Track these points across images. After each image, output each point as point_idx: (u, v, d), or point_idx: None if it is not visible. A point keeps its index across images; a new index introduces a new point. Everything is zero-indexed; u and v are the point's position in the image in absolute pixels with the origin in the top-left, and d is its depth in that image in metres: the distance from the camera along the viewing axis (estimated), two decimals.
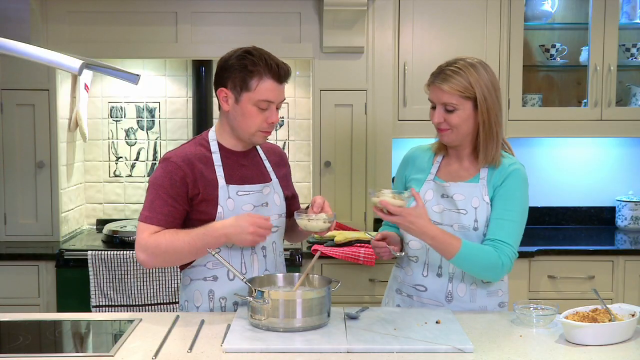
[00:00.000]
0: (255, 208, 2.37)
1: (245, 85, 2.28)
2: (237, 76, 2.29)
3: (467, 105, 2.32)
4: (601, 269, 3.59)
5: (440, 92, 2.33)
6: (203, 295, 2.37)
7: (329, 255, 3.42)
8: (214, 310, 2.37)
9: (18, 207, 3.72)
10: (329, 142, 3.72)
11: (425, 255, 2.40)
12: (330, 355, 1.94)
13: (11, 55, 1.99)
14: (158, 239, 2.24)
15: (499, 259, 2.27)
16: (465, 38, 3.77)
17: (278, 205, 2.44)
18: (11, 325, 2.24)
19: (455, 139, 2.37)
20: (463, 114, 2.33)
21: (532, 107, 3.93)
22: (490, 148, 2.35)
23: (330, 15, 3.58)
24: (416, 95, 3.78)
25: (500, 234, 2.30)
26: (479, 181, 2.38)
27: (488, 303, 2.40)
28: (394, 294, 2.51)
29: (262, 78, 2.28)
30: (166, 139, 4.11)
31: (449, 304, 2.38)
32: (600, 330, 2.00)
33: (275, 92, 2.30)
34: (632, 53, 3.93)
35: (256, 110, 2.29)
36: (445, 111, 2.34)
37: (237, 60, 2.30)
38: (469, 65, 2.33)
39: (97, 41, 3.69)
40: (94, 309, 3.39)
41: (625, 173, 4.22)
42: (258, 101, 2.28)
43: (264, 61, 2.28)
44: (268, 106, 2.30)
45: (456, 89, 2.30)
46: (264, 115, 2.30)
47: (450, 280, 2.38)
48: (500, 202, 2.34)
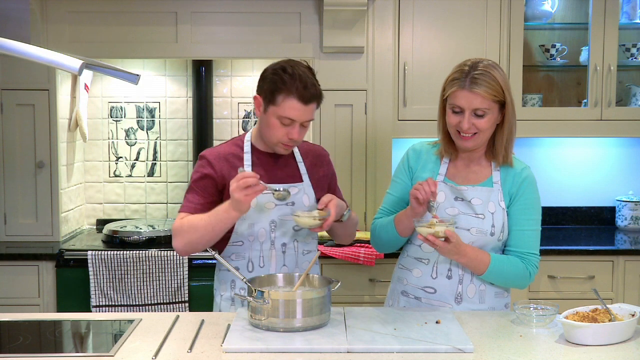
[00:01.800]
0: (278, 207, 2.41)
1: (272, 99, 2.33)
2: (267, 88, 2.35)
3: (495, 108, 2.30)
4: (601, 269, 3.59)
5: (473, 97, 2.26)
6: (226, 285, 2.48)
7: (329, 255, 3.43)
8: (235, 299, 2.45)
9: (18, 207, 3.72)
10: (329, 142, 3.72)
11: (436, 257, 2.39)
12: (330, 355, 1.94)
13: (11, 55, 1.99)
14: (182, 221, 2.36)
15: (526, 270, 2.34)
16: (465, 38, 3.77)
17: (307, 206, 2.46)
18: (11, 325, 2.25)
19: (480, 143, 2.35)
20: (492, 118, 2.30)
21: (532, 107, 3.93)
22: (510, 150, 2.36)
23: (330, 15, 3.58)
24: (416, 95, 3.78)
25: (525, 245, 2.36)
26: (493, 185, 2.37)
27: (496, 304, 2.41)
28: (399, 296, 2.48)
29: (288, 96, 2.31)
30: (166, 139, 4.11)
31: (458, 305, 2.38)
32: (600, 330, 2.00)
33: (298, 112, 2.32)
34: (632, 53, 3.93)
35: (279, 124, 2.35)
36: (474, 116, 2.29)
37: (271, 74, 2.36)
38: (491, 67, 2.30)
39: (97, 41, 3.69)
40: (94, 309, 3.39)
41: (625, 173, 4.22)
42: (281, 117, 2.33)
43: (294, 80, 2.31)
44: (291, 123, 2.34)
45: (492, 93, 2.26)
46: (285, 130, 2.35)
47: (460, 282, 2.38)
48: (520, 214, 2.36)
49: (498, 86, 2.27)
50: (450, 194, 2.38)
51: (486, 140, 2.36)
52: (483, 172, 2.40)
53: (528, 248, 2.36)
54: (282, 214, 2.43)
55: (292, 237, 2.45)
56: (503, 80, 2.30)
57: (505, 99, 2.29)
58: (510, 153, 2.37)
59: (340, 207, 2.37)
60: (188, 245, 2.35)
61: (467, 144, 2.33)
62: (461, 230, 2.34)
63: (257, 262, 2.43)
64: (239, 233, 2.42)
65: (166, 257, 3.42)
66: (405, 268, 2.48)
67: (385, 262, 3.42)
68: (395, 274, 2.55)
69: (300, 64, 2.38)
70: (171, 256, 3.42)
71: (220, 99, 4.06)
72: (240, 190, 2.18)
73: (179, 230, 2.36)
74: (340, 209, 2.37)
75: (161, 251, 3.43)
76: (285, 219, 2.42)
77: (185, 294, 3.43)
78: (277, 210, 2.42)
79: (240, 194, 2.18)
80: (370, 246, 3.48)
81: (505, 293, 2.44)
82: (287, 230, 2.44)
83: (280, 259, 2.44)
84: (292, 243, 2.46)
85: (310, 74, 2.37)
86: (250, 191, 2.19)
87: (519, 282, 2.37)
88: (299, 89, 2.31)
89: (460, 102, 2.29)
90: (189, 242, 2.34)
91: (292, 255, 2.46)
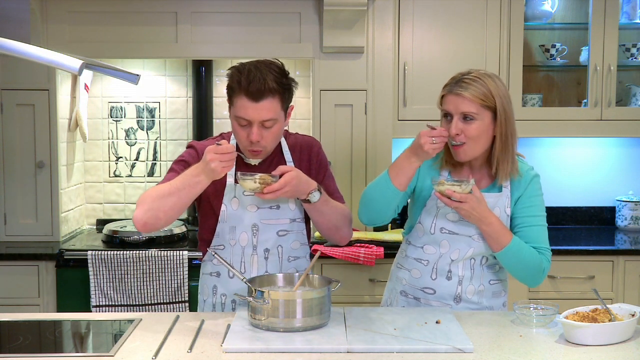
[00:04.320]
0: (260, 210, 2.37)
1: (230, 100, 2.28)
2: (227, 90, 2.29)
3: (486, 115, 2.25)
4: (601, 269, 3.59)
5: (459, 100, 2.24)
6: (209, 289, 2.44)
7: (329, 255, 3.43)
8: (217, 305, 2.42)
9: (18, 207, 3.72)
10: (329, 142, 3.72)
11: (436, 259, 2.38)
12: (330, 355, 1.94)
13: (11, 55, 1.99)
14: (148, 190, 2.24)
15: (542, 263, 2.33)
16: (465, 38, 3.77)
17: (292, 209, 2.40)
18: (11, 325, 2.24)
19: (472, 154, 2.29)
20: (482, 125, 2.25)
21: (532, 107, 3.93)
22: (505, 163, 2.29)
23: (330, 15, 3.58)
24: (416, 95, 3.78)
25: (537, 239, 2.34)
26: (502, 190, 2.35)
27: (494, 304, 2.41)
28: (398, 295, 2.48)
29: (238, 95, 2.22)
30: (166, 139, 4.11)
31: (457, 305, 2.38)
32: (600, 330, 2.00)
33: (248, 110, 2.20)
34: (632, 53, 3.94)
35: (238, 126, 2.27)
36: (463, 121, 2.25)
37: (228, 75, 2.28)
38: (486, 75, 2.27)
39: (97, 41, 3.69)
40: (94, 309, 3.39)
41: (625, 173, 4.22)
42: (237, 117, 2.25)
43: (241, 76, 2.20)
44: (247, 123, 2.24)
45: (478, 96, 2.23)
46: (245, 132, 2.25)
47: (460, 283, 2.37)
48: (528, 211, 2.35)
49: (487, 91, 2.23)
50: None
51: (480, 152, 2.30)
52: (485, 178, 2.38)
53: (540, 242, 2.34)
54: (264, 217, 2.37)
55: (275, 243, 2.39)
56: (496, 88, 2.25)
57: (497, 107, 2.24)
58: (508, 169, 2.31)
59: (303, 183, 2.23)
60: (149, 213, 2.18)
61: (459, 155, 2.29)
62: (462, 236, 2.34)
63: (238, 267, 2.37)
64: (221, 236, 2.38)
65: (166, 257, 3.42)
66: (403, 268, 2.47)
67: (385, 262, 3.42)
68: (393, 273, 2.54)
69: (263, 60, 2.25)
70: (171, 256, 3.42)
71: (220, 99, 4.06)
72: (219, 161, 2.09)
73: (141, 199, 2.22)
74: (303, 185, 2.23)
75: (161, 251, 3.43)
76: (267, 222, 2.37)
77: (185, 294, 3.43)
78: (259, 214, 2.36)
79: (218, 165, 2.10)
80: (370, 246, 3.49)
81: (503, 292, 2.44)
82: (270, 235, 2.38)
83: (262, 264, 2.39)
84: (275, 249, 2.39)
85: (266, 69, 2.21)
86: (227, 160, 2.10)
87: (532, 273, 2.32)
88: (243, 86, 2.19)
89: (449, 107, 2.27)
90: (150, 208, 2.18)
91: (276, 261, 2.40)
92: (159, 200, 2.19)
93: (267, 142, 2.27)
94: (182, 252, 3.43)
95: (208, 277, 2.45)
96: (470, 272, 2.37)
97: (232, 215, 2.37)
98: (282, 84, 2.24)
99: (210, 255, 2.41)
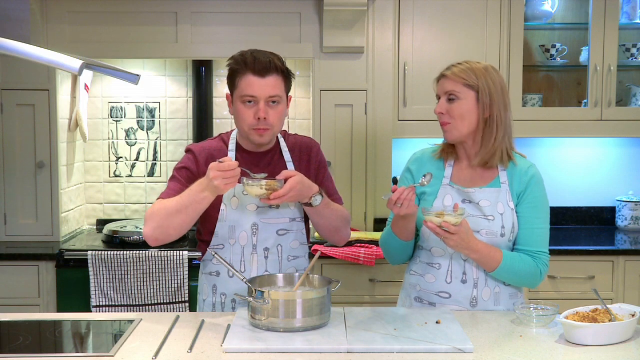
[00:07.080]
0: (260, 209, 2.38)
1: (233, 85, 2.34)
2: (229, 78, 2.35)
3: (469, 95, 2.30)
4: (601, 269, 3.59)
5: (444, 80, 2.33)
6: (208, 289, 2.45)
7: (329, 255, 3.43)
8: (216, 304, 2.42)
9: (18, 207, 3.72)
10: (329, 142, 3.72)
11: (449, 262, 2.37)
12: (330, 355, 1.94)
13: (11, 55, 1.99)
14: (154, 205, 2.29)
15: (537, 268, 2.33)
16: (465, 38, 3.77)
17: (291, 209, 2.41)
18: (11, 325, 2.24)
19: (458, 135, 2.33)
20: (465, 104, 2.30)
21: (532, 107, 3.93)
22: (489, 145, 2.31)
23: (330, 15, 3.58)
24: (416, 95, 3.78)
25: (534, 243, 2.34)
26: (501, 185, 2.36)
27: (510, 305, 2.39)
28: (412, 302, 2.45)
29: (243, 74, 2.30)
30: (166, 139, 4.11)
31: (473, 308, 2.37)
32: (600, 330, 2.00)
33: (255, 86, 2.28)
34: (632, 53, 3.94)
35: (243, 107, 2.31)
36: (447, 101, 2.32)
37: (228, 65, 2.36)
38: (477, 63, 2.35)
39: (97, 41, 3.69)
40: (94, 309, 3.39)
41: (625, 173, 4.22)
42: (243, 97, 2.31)
43: (245, 58, 2.31)
44: (254, 100, 2.30)
45: (459, 75, 2.29)
46: (252, 111, 2.30)
47: (475, 286, 2.36)
48: (528, 211, 2.35)
49: (470, 71, 2.30)
50: (457, 197, 2.36)
51: (466, 133, 2.33)
52: (489, 173, 2.38)
53: (537, 246, 2.34)
54: (263, 217, 2.38)
55: (274, 242, 2.40)
56: (485, 73, 2.30)
57: (479, 86, 2.28)
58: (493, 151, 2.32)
59: (306, 187, 2.27)
60: (158, 230, 2.25)
61: (445, 134, 2.36)
62: None
63: (237, 266, 2.38)
64: (220, 236, 2.39)
65: (166, 257, 3.42)
66: (417, 274, 2.44)
67: (385, 262, 3.41)
68: (406, 280, 2.51)
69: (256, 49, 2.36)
70: (171, 256, 3.43)
71: (220, 99, 4.06)
72: (222, 178, 2.13)
73: (149, 215, 2.27)
74: (306, 189, 2.27)
75: (161, 251, 3.43)
76: (267, 222, 2.38)
77: (185, 294, 3.43)
78: (258, 213, 2.38)
79: (221, 182, 2.13)
80: (370, 246, 3.49)
81: (519, 294, 2.43)
82: (269, 235, 2.39)
83: (262, 264, 2.40)
84: (275, 248, 2.40)
85: (269, 53, 2.33)
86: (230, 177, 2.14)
87: (529, 280, 2.34)
88: (249, 63, 2.29)
89: (438, 89, 2.37)
90: (159, 225, 2.24)
91: (275, 261, 2.41)
92: (167, 219, 2.24)
93: (273, 120, 2.32)
94: (182, 252, 3.43)
95: (207, 276, 2.46)
96: (485, 274, 2.36)
97: (232, 215, 2.37)
98: (284, 67, 2.35)
99: (210, 254, 2.41)
